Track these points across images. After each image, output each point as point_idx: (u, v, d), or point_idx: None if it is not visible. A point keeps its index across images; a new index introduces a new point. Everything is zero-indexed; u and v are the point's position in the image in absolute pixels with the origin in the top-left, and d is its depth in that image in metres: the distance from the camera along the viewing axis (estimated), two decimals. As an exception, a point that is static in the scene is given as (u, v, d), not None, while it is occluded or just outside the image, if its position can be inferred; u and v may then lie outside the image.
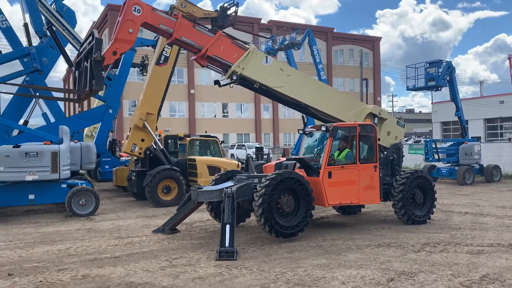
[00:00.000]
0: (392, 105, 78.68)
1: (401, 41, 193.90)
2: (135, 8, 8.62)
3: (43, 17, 14.25)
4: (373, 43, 67.67)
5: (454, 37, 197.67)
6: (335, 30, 64.15)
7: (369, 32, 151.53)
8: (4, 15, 14.35)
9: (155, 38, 19.87)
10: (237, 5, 10.66)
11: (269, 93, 10.06)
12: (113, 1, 53.89)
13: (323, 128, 9.51)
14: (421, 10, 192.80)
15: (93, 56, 8.06)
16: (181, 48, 15.38)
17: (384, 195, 10.05)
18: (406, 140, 52.36)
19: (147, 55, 22.29)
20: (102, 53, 8.38)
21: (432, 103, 50.43)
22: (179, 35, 9.09)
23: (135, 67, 22.00)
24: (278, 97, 10.22)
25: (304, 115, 26.89)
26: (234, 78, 9.45)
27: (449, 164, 20.55)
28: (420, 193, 10.13)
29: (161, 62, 14.80)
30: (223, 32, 9.75)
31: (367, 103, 12.87)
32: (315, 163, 9.48)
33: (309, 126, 11.15)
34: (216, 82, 10.30)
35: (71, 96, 13.68)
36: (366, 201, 9.83)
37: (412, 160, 25.22)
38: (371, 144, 9.92)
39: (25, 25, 13.29)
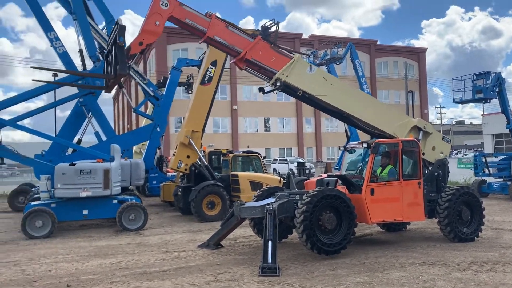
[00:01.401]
0: (440, 117, 76.29)
1: (449, 51, 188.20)
2: (163, 2, 9.10)
3: (96, 42, 15.19)
4: (418, 54, 66.27)
5: (506, 44, 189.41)
6: (378, 42, 63.42)
7: (415, 43, 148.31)
8: (60, 40, 15.45)
9: (199, 58, 20.61)
10: (277, 24, 10.98)
11: (312, 101, 10.26)
12: (159, 22, 55.26)
13: (365, 145, 9.53)
14: (470, 18, 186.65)
15: (117, 42, 8.49)
16: (224, 68, 15.99)
17: (429, 212, 9.88)
18: (456, 153, 50.54)
19: (192, 74, 23.10)
20: (129, 44, 8.87)
21: (482, 115, 48.45)
22: (212, 34, 9.49)
23: (180, 86, 22.83)
24: (321, 106, 10.39)
25: (347, 129, 26.79)
26: (278, 84, 9.75)
27: (501, 179, 19.71)
28: (467, 210, 9.88)
29: (205, 81, 15.37)
30: (263, 37, 10.07)
31: (413, 116, 12.76)
32: (357, 179, 9.50)
33: (351, 143, 11.16)
34: (261, 89, 10.65)
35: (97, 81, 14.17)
36: (410, 218, 9.71)
37: (462, 175, 24.37)
38: (414, 160, 9.82)
39: (80, 50, 14.22)
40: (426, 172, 10.25)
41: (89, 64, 14.56)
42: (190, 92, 23.23)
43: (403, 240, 10.27)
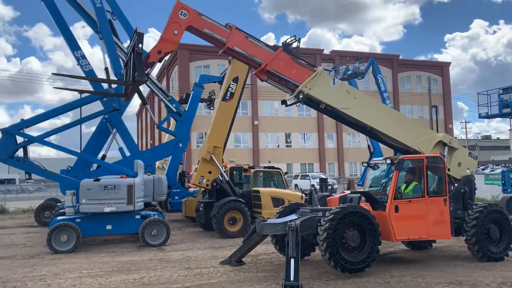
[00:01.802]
0: (466, 132, 74.61)
1: (473, 65, 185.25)
2: (182, 12, 9.30)
3: (121, 60, 15.54)
4: (441, 68, 65.46)
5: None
6: (401, 57, 63.01)
7: (438, 57, 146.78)
8: (86, 59, 15.89)
9: (221, 74, 20.86)
10: (299, 40, 11.06)
11: (335, 114, 10.24)
12: (182, 40, 56.63)
13: (388, 161, 9.40)
14: (494, 32, 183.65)
15: (135, 49, 8.65)
16: (246, 84, 16.12)
17: (456, 230, 9.63)
18: (483, 169, 49.27)
19: (214, 90, 23.36)
20: (148, 52, 9.04)
21: (510, 130, 47.26)
22: (231, 45, 9.63)
23: (202, 102, 23.09)
24: (344, 119, 10.35)
25: (370, 145, 26.51)
26: (301, 97, 9.77)
27: (531, 196, 19.08)
28: (495, 228, 9.57)
29: (227, 98, 15.51)
30: (284, 49, 10.16)
31: (437, 131, 12.56)
32: (381, 196, 9.35)
33: (374, 159, 11.03)
34: (283, 102, 10.72)
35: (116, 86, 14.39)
36: (436, 236, 9.48)
37: (489, 192, 23.70)
38: (440, 177, 9.63)
39: (106, 69, 14.55)
40: (452, 188, 10.03)
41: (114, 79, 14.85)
42: (212, 108, 23.46)
43: (429, 258, 10.02)
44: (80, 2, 16.26)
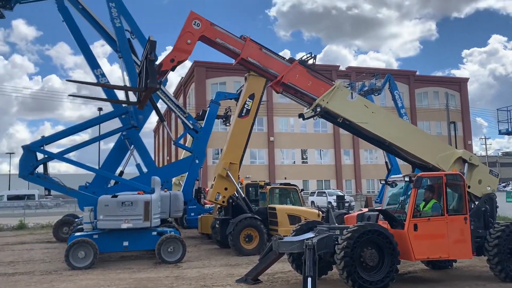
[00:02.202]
0: (486, 148, 73.28)
1: (492, 80, 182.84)
2: (195, 22, 9.45)
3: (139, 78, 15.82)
4: (459, 84, 64.76)
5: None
6: (417, 73, 62.59)
7: (456, 73, 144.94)
8: (106, 77, 16.22)
9: (237, 91, 21.01)
10: (314, 57, 11.11)
11: (353, 128, 10.20)
12: (199, 58, 57.49)
13: (407, 179, 9.27)
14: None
15: (148, 57, 8.78)
16: (262, 100, 16.19)
17: (477, 249, 9.40)
18: (504, 187, 48.16)
19: (230, 107, 23.51)
20: (161, 60, 9.17)
21: (531, 146, 46.25)
22: (245, 55, 9.73)
23: (219, 119, 23.25)
24: (362, 134, 10.30)
25: (387, 161, 26.23)
26: (318, 110, 9.77)
27: (555, 214, 18.56)
28: (519, 248, 9.30)
29: (243, 114, 15.58)
30: (300, 62, 10.22)
31: (456, 147, 12.40)
32: (399, 214, 9.20)
33: (392, 176, 10.90)
34: (301, 116, 10.72)
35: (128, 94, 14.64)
36: (457, 255, 9.27)
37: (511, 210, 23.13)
38: (459, 195, 9.46)
39: (125, 87, 14.81)
40: (473, 207, 9.82)
41: (133, 99, 15.10)
42: (228, 124, 23.60)
43: (450, 278, 9.78)
44: (100, 22, 16.68)
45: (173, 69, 9.56)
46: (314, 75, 10.12)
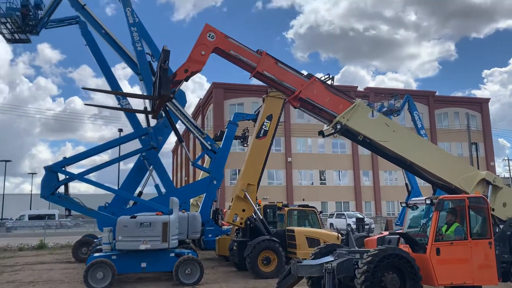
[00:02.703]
0: (509, 170, 71.53)
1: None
2: (210, 34, 9.61)
3: (159, 100, 16.07)
4: (480, 104, 63.85)
5: None
6: (437, 93, 62.02)
7: (476, 93, 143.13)
8: (127, 99, 16.52)
9: (255, 112, 21.13)
10: (332, 78, 11.14)
11: (373, 146, 10.12)
12: (217, 79, 58.31)
13: (428, 202, 9.09)
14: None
15: (161, 65, 8.91)
16: (279, 121, 16.23)
17: (503, 275, 9.09)
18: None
19: (247, 128, 23.62)
20: (175, 70, 9.29)
21: (557, 167, 45.03)
22: (261, 69, 9.80)
23: (236, 139, 23.35)
24: (382, 152, 10.20)
25: (407, 183, 25.83)
26: (338, 127, 9.74)
27: None
28: (547, 275, 8.97)
29: (260, 135, 15.62)
30: (317, 78, 10.27)
31: (478, 169, 12.15)
32: (421, 238, 9.00)
33: (413, 199, 10.70)
34: (320, 133, 10.70)
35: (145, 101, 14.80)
36: (482, 281, 8.94)
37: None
38: (483, 218, 9.20)
39: (145, 108, 15.07)
40: (497, 231, 9.54)
41: (153, 121, 15.33)
42: (245, 145, 23.66)
43: (475, 306, 9.40)
44: (121, 45, 17.12)
45: (186, 79, 9.72)
46: (333, 91, 10.15)
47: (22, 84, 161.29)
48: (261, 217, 14.93)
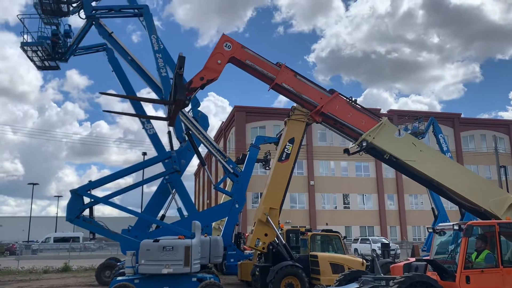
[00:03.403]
0: (540, 194, 69.14)
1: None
2: (226, 44, 9.74)
3: (182, 124, 16.31)
4: (508, 126, 62.25)
5: None
6: (462, 115, 60.94)
7: (503, 115, 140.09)
8: (151, 123, 16.82)
9: (277, 135, 21.15)
10: (355, 101, 11.11)
11: (400, 166, 10.00)
12: (239, 103, 58.91)
13: (456, 227, 8.82)
14: None
15: (177, 71, 9.00)
16: (301, 144, 16.18)
17: (538, 305, 8.63)
18: None
19: (269, 151, 23.61)
20: (191, 78, 9.40)
21: None
22: (280, 81, 9.83)
23: (258, 162, 23.35)
24: (409, 172, 10.06)
25: (434, 207, 25.20)
26: (364, 145, 9.67)
27: None
28: None
29: (283, 159, 15.58)
30: (340, 94, 10.26)
31: (508, 192, 11.79)
32: (449, 265, 8.69)
33: (440, 224, 10.40)
34: (346, 151, 10.67)
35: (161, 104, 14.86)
36: (515, 312, 8.53)
37: None
38: (515, 245, 8.84)
39: (169, 132, 15.30)
40: (531, 258, 9.12)
41: (176, 144, 15.52)
42: (267, 168, 23.62)
43: (510, 338, 8.95)
44: (146, 71, 17.55)
45: (202, 87, 9.86)
46: (354, 107, 10.15)
47: (50, 109, 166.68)
48: (284, 242, 14.74)
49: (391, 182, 54.77)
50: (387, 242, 30.54)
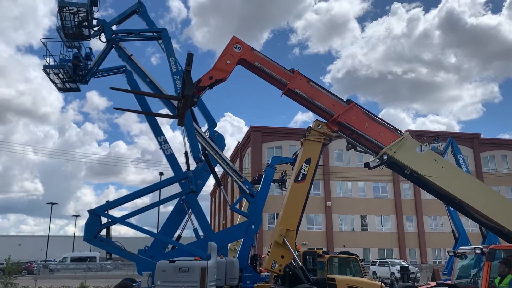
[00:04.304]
0: None
1: None
2: (236, 46, 9.86)
3: (199, 144, 16.41)
4: (530, 147, 61.03)
5: None
6: (482, 136, 59.97)
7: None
8: (168, 143, 16.96)
9: (293, 155, 21.09)
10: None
11: (421, 182, 9.89)
12: (255, 123, 59.17)
13: (478, 251, 8.58)
14: None
15: (185, 67, 9.06)
16: (318, 165, 16.08)
17: None
18: None
19: (285, 171, 23.52)
20: (201, 77, 9.46)
21: None
22: (293, 87, 9.86)
23: (274, 183, 23.24)
24: (430, 188, 9.93)
25: (454, 229, 24.59)
26: (385, 158, 9.61)
27: None
28: None
29: (299, 179, 15.45)
30: (357, 104, 10.24)
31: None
32: (472, 290, 8.43)
33: (461, 248, 10.14)
34: (366, 165, 10.59)
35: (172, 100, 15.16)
36: None
37: None
38: (541, 270, 8.53)
39: (186, 153, 15.39)
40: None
41: (193, 165, 15.60)
42: (284, 188, 23.48)
43: None
44: (165, 92, 17.76)
45: (211, 86, 9.96)
46: (372, 118, 10.13)
47: (70, 129, 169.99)
48: (301, 264, 14.55)
49: (409, 203, 53.86)
50: (406, 265, 29.88)
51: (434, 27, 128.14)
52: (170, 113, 17.57)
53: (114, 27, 17.38)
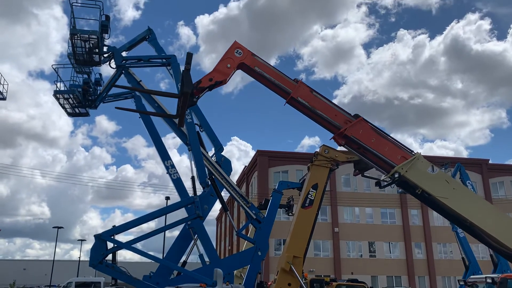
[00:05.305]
0: None
1: None
2: (237, 51, 9.95)
3: (206, 169, 16.42)
4: (540, 173, 60.33)
5: None
6: (490, 161, 59.49)
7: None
8: (175, 168, 17.00)
9: (300, 180, 21.01)
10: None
11: (432, 202, 9.79)
12: (262, 147, 59.43)
13: (489, 280, 8.42)
14: None
15: (185, 66, 9.18)
16: (325, 190, 15.99)
17: None
18: None
19: (292, 196, 23.36)
20: (201, 78, 9.52)
21: None
22: (296, 96, 9.87)
23: (281, 208, 23.06)
24: (441, 209, 9.82)
25: (464, 257, 24.14)
26: (396, 176, 9.58)
27: None
28: None
29: (306, 205, 15.35)
30: (364, 119, 10.26)
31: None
32: (484, 321, 8.22)
33: (472, 277, 9.95)
34: (377, 183, 10.56)
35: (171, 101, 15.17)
36: None
37: None
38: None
39: (192, 177, 15.41)
40: None
41: (199, 189, 15.58)
42: (290, 214, 23.27)
43: None
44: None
45: (210, 88, 10.06)
46: (378, 133, 10.16)
47: (79, 153, 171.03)
48: (308, 292, 14.30)
49: (418, 230, 53.10)
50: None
51: (440, 54, 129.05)
52: (179, 140, 17.71)
53: (124, 54, 17.70)
